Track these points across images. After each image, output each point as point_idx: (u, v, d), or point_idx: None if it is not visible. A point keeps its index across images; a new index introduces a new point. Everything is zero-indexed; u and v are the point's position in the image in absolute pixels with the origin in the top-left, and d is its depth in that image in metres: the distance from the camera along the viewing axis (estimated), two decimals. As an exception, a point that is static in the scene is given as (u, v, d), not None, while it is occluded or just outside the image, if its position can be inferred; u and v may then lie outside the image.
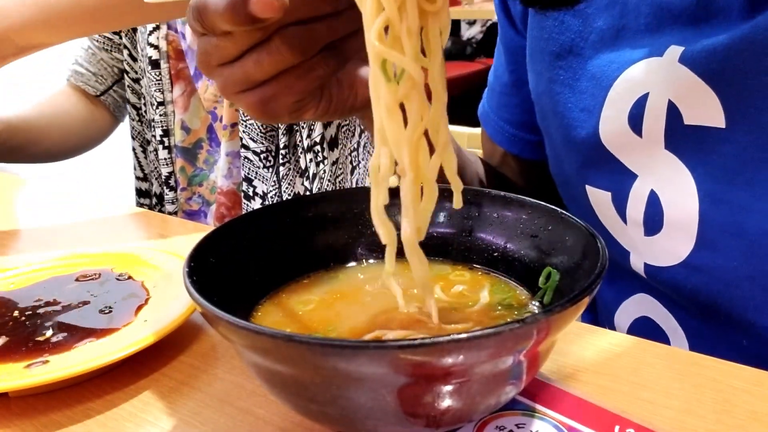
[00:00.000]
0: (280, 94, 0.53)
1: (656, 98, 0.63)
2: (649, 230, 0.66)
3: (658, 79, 0.62)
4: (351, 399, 0.38)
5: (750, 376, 0.51)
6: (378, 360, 0.35)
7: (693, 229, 0.63)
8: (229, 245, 0.51)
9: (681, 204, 0.63)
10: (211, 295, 0.41)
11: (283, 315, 0.50)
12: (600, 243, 0.45)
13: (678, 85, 0.61)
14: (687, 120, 0.61)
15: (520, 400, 0.48)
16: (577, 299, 0.39)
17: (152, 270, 0.69)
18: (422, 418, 0.39)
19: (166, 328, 0.56)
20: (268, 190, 1.22)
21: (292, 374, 0.39)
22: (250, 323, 0.38)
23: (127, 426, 0.50)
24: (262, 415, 0.49)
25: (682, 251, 0.64)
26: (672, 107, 0.62)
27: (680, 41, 0.61)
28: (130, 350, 0.54)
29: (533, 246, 0.53)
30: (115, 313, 0.62)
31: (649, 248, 0.67)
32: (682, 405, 0.48)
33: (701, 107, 0.60)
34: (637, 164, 0.66)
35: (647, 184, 0.65)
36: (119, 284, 0.67)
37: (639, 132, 0.65)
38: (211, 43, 0.53)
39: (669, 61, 0.62)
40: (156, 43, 1.30)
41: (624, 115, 0.65)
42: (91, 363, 0.52)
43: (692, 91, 0.60)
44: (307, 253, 0.55)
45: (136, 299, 0.64)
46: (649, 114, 0.64)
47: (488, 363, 0.38)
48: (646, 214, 0.66)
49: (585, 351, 0.55)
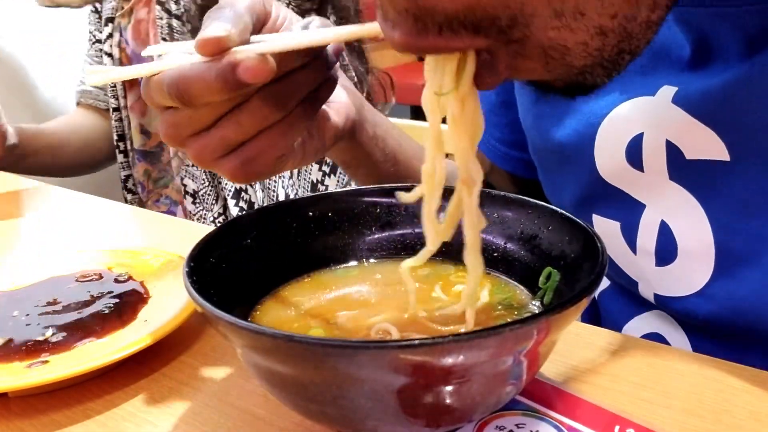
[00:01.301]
0: (262, 153, 0.53)
1: (652, 138, 0.61)
2: (661, 260, 0.64)
3: (652, 119, 0.61)
4: (351, 399, 0.38)
5: (750, 376, 0.51)
6: (378, 360, 0.35)
7: (710, 259, 0.61)
8: (229, 245, 0.51)
9: (694, 234, 0.61)
10: (211, 295, 0.41)
11: (283, 315, 0.50)
12: (600, 243, 0.45)
13: (674, 125, 0.59)
14: (688, 155, 0.60)
15: (520, 400, 0.48)
16: (577, 299, 0.39)
17: (152, 270, 0.69)
18: (422, 418, 0.39)
19: (165, 327, 0.56)
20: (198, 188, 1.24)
21: (292, 374, 0.39)
22: (249, 323, 0.38)
23: (127, 426, 0.50)
24: (263, 415, 0.49)
25: (697, 281, 0.62)
26: (670, 145, 0.60)
27: (672, 81, 0.60)
28: (130, 350, 0.54)
29: (533, 246, 0.53)
30: (115, 312, 0.61)
31: (660, 278, 0.65)
32: (682, 405, 0.48)
33: (701, 144, 0.58)
34: (643, 195, 0.64)
35: (657, 213, 0.63)
36: (119, 284, 0.67)
37: (640, 167, 0.63)
38: (182, 114, 0.52)
39: (661, 102, 0.60)
40: (110, 51, 1.34)
41: (620, 152, 0.64)
42: (91, 363, 0.52)
43: (689, 131, 0.59)
44: (307, 253, 0.55)
45: (137, 299, 0.64)
46: (648, 152, 0.62)
47: (488, 363, 0.38)
48: (659, 243, 0.64)
49: (585, 351, 0.55)
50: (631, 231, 0.66)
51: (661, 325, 0.71)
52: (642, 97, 0.62)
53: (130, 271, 0.69)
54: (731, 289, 0.60)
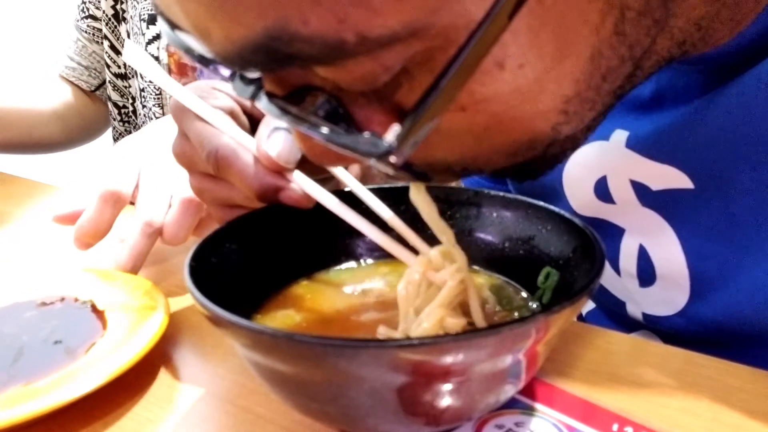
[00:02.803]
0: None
1: (616, 180, 0.62)
2: (644, 282, 0.65)
3: (610, 163, 0.62)
4: (351, 398, 0.39)
5: (746, 375, 0.51)
6: (378, 359, 0.35)
7: (685, 283, 0.62)
8: (232, 244, 0.52)
9: (669, 258, 0.62)
10: (213, 295, 0.42)
11: (286, 314, 0.51)
12: (598, 243, 0.46)
13: (634, 167, 0.60)
14: (654, 188, 0.60)
15: (519, 399, 0.49)
16: (575, 299, 0.39)
17: (119, 297, 0.62)
18: (422, 416, 0.40)
19: (109, 374, 0.50)
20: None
21: (293, 373, 0.39)
22: (250, 322, 0.38)
23: (127, 425, 0.50)
24: (264, 413, 0.49)
25: (678, 302, 0.63)
26: (635, 182, 0.61)
27: (623, 125, 0.60)
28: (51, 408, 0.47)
29: (532, 246, 0.53)
30: (63, 349, 0.55)
31: (645, 299, 0.66)
32: (680, 403, 0.49)
33: (664, 178, 0.59)
34: (622, 221, 0.65)
35: (635, 238, 0.64)
36: (78, 313, 0.60)
37: (611, 201, 0.64)
38: (208, 185, 0.54)
39: (616, 146, 0.61)
40: (156, 54, 1.23)
41: (589, 192, 0.65)
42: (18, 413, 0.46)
43: (649, 170, 0.59)
44: (309, 253, 0.55)
45: (90, 334, 0.57)
46: (614, 190, 0.63)
47: (487, 362, 0.38)
48: (639, 267, 0.65)
49: (584, 350, 0.55)
50: (614, 254, 0.67)
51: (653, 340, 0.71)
52: (597, 142, 0.63)
53: (95, 297, 0.63)
54: (707, 312, 0.61)
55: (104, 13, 1.30)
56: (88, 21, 1.33)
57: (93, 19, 1.33)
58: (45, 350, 0.55)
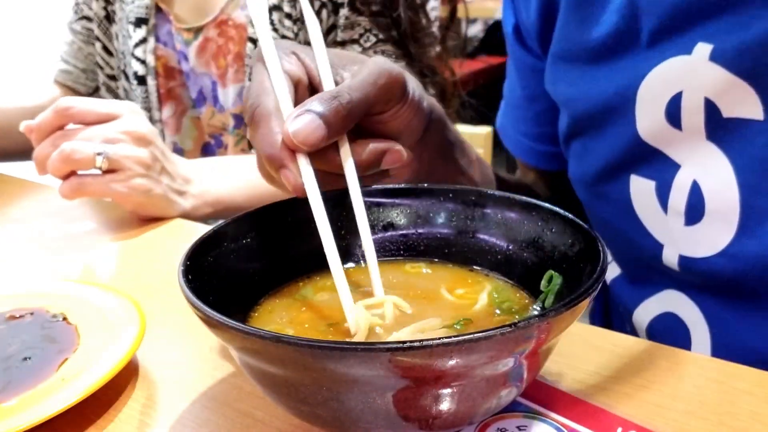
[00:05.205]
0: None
1: (691, 96, 0.63)
2: (690, 220, 0.67)
3: (690, 77, 0.63)
4: (342, 401, 0.38)
5: (753, 378, 0.50)
6: (367, 362, 0.35)
7: (734, 219, 0.63)
8: (226, 245, 0.51)
9: (722, 193, 0.63)
10: (207, 296, 0.41)
11: (281, 315, 0.50)
12: (601, 246, 0.45)
13: (712, 83, 0.61)
14: (725, 113, 0.62)
15: (521, 402, 0.48)
16: (573, 303, 0.38)
17: (93, 310, 0.59)
18: (415, 421, 0.39)
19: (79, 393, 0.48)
20: None
21: (283, 375, 0.39)
22: (239, 324, 0.37)
23: (126, 429, 0.50)
24: (261, 417, 0.49)
25: (721, 241, 0.65)
26: (709, 103, 0.62)
27: (707, 38, 0.61)
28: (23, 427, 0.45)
29: (536, 248, 0.52)
30: (33, 366, 0.53)
31: (687, 239, 0.67)
32: (685, 407, 0.48)
33: (739, 102, 0.60)
34: (680, 155, 0.66)
35: (690, 173, 0.66)
36: (49, 327, 0.57)
37: (678, 126, 0.65)
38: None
39: (699, 60, 0.61)
40: (142, 57, 1.22)
41: (660, 112, 0.65)
42: None
43: (728, 88, 0.60)
44: (305, 254, 0.54)
45: (62, 350, 0.55)
46: (686, 111, 0.64)
47: (482, 366, 0.37)
48: (689, 203, 0.66)
49: (587, 352, 0.55)
50: (665, 190, 0.68)
51: (674, 303, 0.73)
52: (679, 57, 0.63)
53: (67, 310, 0.60)
54: (752, 248, 0.63)
55: (96, 14, 1.29)
56: (82, 22, 1.33)
57: (87, 20, 1.32)
58: (13, 368, 0.53)
